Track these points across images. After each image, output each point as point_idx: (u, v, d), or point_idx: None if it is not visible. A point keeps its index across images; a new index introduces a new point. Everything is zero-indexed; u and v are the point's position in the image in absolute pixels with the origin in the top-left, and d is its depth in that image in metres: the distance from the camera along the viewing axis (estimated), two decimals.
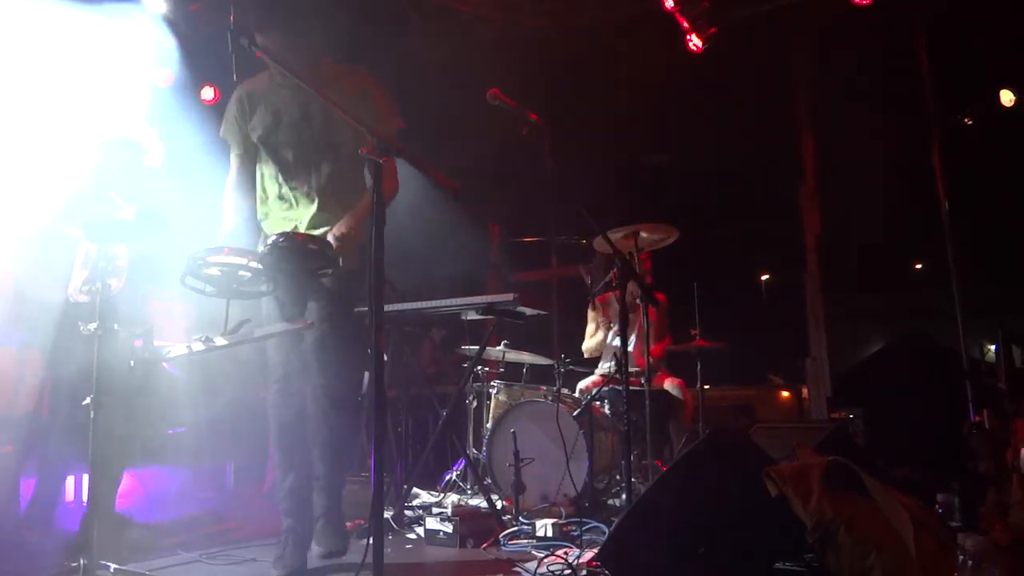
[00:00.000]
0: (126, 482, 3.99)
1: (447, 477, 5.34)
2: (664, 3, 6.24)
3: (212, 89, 7.16)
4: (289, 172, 3.20)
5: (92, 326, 2.80)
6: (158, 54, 6.30)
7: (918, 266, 17.61)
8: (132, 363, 3.19)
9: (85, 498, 3.11)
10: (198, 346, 2.95)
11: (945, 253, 6.49)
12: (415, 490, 4.84)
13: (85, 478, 3.89)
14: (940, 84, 6.69)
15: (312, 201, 3.17)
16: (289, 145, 3.19)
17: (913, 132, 7.09)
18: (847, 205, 8.73)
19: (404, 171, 3.06)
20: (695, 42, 6.65)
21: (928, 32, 6.54)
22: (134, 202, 3.82)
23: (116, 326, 2.89)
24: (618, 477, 4.62)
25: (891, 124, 8.00)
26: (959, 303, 6.37)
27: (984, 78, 7.61)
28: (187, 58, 6.69)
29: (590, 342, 5.74)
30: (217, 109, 7.15)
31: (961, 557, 1.82)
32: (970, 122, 7.41)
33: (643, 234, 4.46)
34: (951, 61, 7.08)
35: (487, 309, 4.00)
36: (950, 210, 6.44)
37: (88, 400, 2.75)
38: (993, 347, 7.53)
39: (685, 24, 6.52)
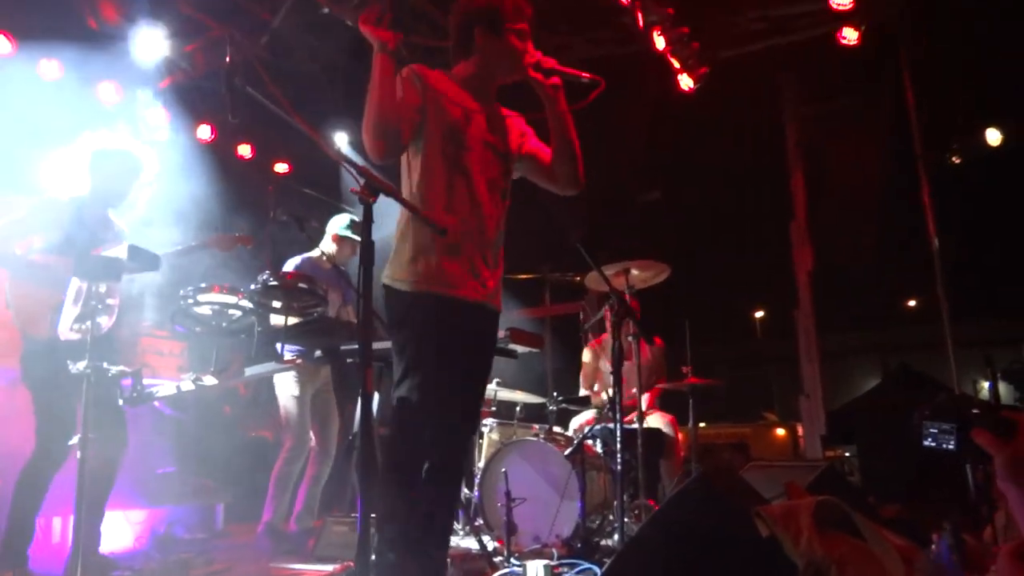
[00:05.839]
0: (112, 524, 3.94)
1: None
2: (655, 44, 6.33)
3: (208, 127, 7.23)
4: None
5: (81, 365, 2.79)
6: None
7: (911, 303, 17.73)
8: (121, 402, 3.18)
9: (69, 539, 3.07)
10: (187, 385, 2.95)
11: (935, 289, 6.52)
12: None
13: (70, 519, 3.84)
14: (927, 123, 6.78)
15: None
16: None
17: (902, 170, 7.17)
18: (839, 242, 8.79)
19: (394, 211, 3.06)
20: (686, 82, 6.76)
21: (913, 72, 6.65)
22: (128, 211, 3.85)
23: (106, 364, 2.88)
24: (611, 517, 4.57)
25: (880, 162, 8.11)
26: (950, 340, 6.39)
27: (970, 118, 7.72)
28: (184, 96, 6.78)
29: (587, 392, 5.70)
30: (214, 147, 7.23)
31: None
32: (957, 160, 7.50)
33: (634, 271, 4.48)
34: (937, 100, 7.19)
35: None
36: (940, 247, 6.48)
37: (75, 439, 2.73)
38: (987, 384, 7.53)
39: (676, 65, 6.63)
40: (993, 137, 7.52)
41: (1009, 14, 7.07)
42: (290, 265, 4.87)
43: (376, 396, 3.68)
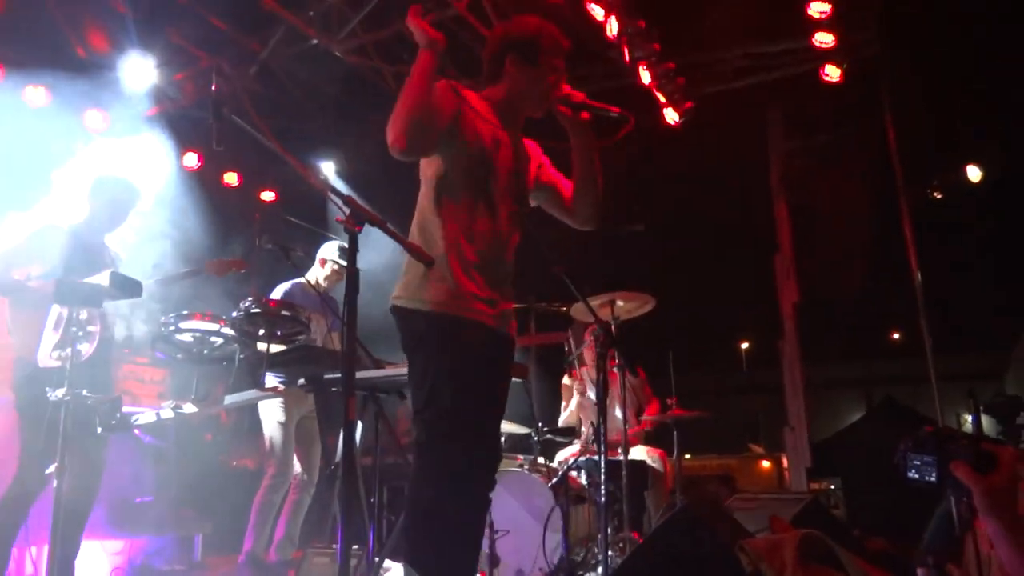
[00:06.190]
0: (89, 554, 3.87)
1: None
2: (641, 79, 6.42)
3: (195, 155, 7.24)
4: None
5: (60, 392, 2.76)
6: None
7: (895, 336, 17.85)
8: (99, 430, 3.14)
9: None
10: (167, 413, 2.92)
11: (919, 323, 6.57)
12: (387, 563, 4.72)
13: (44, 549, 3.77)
14: (909, 159, 6.89)
15: None
16: None
17: (885, 204, 7.27)
18: (824, 274, 8.86)
19: (380, 239, 3.05)
20: (672, 116, 6.84)
21: (894, 109, 6.76)
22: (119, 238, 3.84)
23: (85, 392, 2.85)
24: (595, 550, 4.53)
25: (864, 196, 8.21)
26: (934, 373, 6.42)
27: (950, 155, 7.84)
28: (173, 124, 6.79)
29: (568, 416, 5.67)
30: (200, 175, 7.23)
31: None
32: (939, 196, 7.61)
33: (620, 302, 4.48)
34: (919, 137, 7.30)
35: None
36: (922, 280, 6.54)
37: (52, 468, 2.69)
38: (970, 418, 7.57)
39: (662, 99, 6.72)
40: (973, 174, 7.66)
41: (989, 54, 7.23)
42: (279, 291, 4.86)
43: (360, 425, 3.65)
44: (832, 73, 6.49)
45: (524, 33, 2.65)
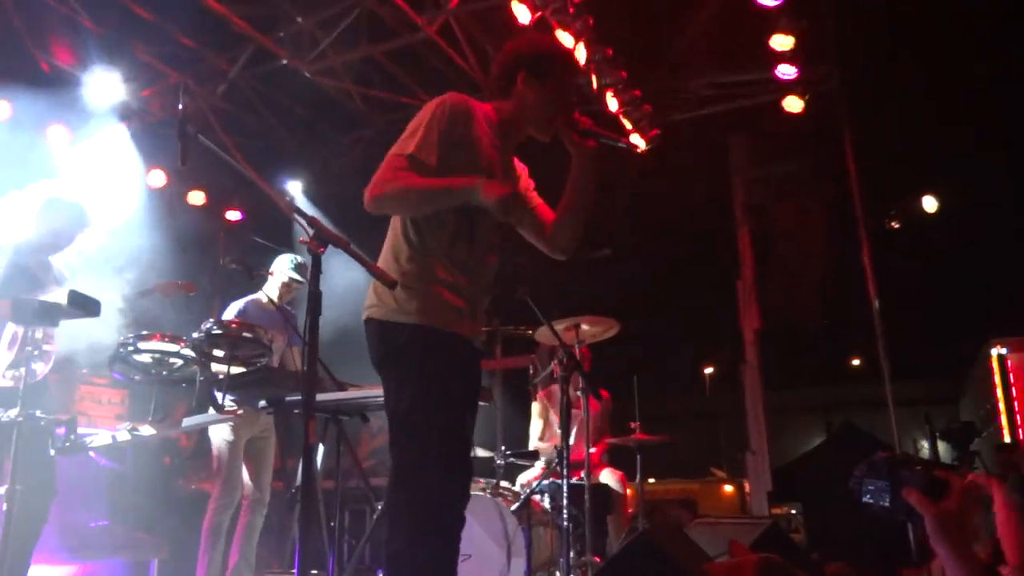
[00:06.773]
0: None
1: (382, 574, 5.15)
2: (608, 106, 6.51)
3: (161, 173, 7.17)
4: None
5: (12, 412, 2.70)
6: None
7: (855, 361, 18.13)
8: (52, 452, 3.07)
9: None
10: (123, 435, 2.87)
11: (876, 350, 6.69)
12: None
13: None
14: (868, 189, 7.05)
15: None
16: None
17: (845, 232, 7.42)
18: (785, 301, 9.00)
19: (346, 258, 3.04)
20: (638, 142, 6.93)
21: (854, 140, 6.93)
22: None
23: (39, 413, 2.79)
24: (557, 574, 4.52)
25: (824, 224, 8.37)
26: (891, 399, 6.54)
27: (908, 185, 8.04)
28: (138, 141, 6.73)
29: (537, 442, 5.65)
30: (166, 193, 7.16)
31: None
32: (896, 225, 7.78)
33: (584, 326, 4.51)
34: (878, 168, 7.49)
35: None
36: (880, 308, 6.67)
37: (2, 490, 2.63)
38: (927, 443, 7.71)
39: (628, 126, 6.81)
40: (930, 204, 7.87)
41: (950, 86, 7.46)
42: (233, 310, 4.77)
43: (321, 448, 3.62)
44: (794, 105, 6.64)
45: (538, 51, 2.60)
